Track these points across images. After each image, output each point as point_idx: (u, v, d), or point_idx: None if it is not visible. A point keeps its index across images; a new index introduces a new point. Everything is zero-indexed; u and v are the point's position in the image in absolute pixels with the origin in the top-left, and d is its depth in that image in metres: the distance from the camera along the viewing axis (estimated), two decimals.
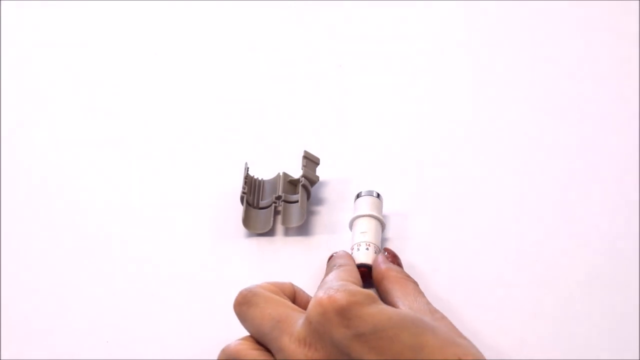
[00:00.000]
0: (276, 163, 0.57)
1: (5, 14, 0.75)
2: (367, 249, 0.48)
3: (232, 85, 0.66)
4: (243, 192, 0.54)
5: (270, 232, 0.53)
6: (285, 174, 0.55)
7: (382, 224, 0.50)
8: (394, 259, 0.48)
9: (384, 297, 0.45)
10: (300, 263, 0.51)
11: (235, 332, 0.42)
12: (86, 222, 0.55)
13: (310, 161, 0.55)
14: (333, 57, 0.68)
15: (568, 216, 0.53)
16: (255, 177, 0.56)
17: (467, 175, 0.56)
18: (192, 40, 0.71)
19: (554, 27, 0.70)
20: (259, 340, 0.41)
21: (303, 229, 0.53)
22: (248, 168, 0.55)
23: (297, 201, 0.53)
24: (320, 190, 0.56)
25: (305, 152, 0.56)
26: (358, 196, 0.52)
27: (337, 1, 0.74)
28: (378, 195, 0.51)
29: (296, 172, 0.55)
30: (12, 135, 0.62)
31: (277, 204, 0.54)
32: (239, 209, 0.54)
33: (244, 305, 0.41)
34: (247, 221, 0.53)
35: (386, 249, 0.48)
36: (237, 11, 0.74)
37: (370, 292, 0.39)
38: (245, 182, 0.54)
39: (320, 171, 0.55)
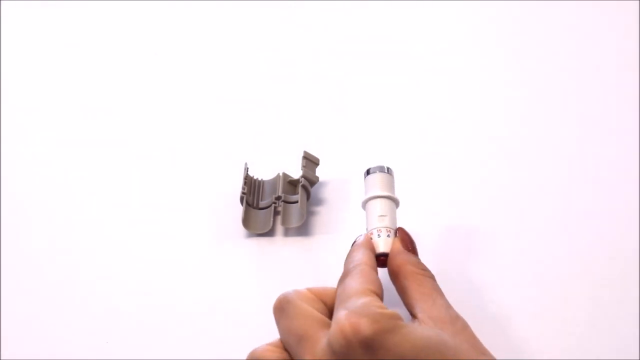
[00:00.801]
0: (276, 163, 0.57)
1: (5, 14, 0.75)
2: (388, 235, 0.46)
3: (232, 85, 0.66)
4: (243, 193, 0.54)
5: (270, 233, 0.53)
6: (285, 174, 0.55)
7: (397, 204, 0.48)
8: (409, 244, 0.45)
9: (401, 294, 0.44)
10: (300, 263, 0.51)
11: (235, 332, 0.42)
12: (86, 222, 0.55)
13: (310, 161, 0.55)
14: (333, 57, 0.68)
15: (568, 216, 0.53)
16: (255, 177, 0.56)
17: (467, 175, 0.56)
18: (192, 40, 0.71)
19: (554, 27, 0.70)
20: (287, 350, 0.40)
21: (303, 230, 0.53)
22: (248, 168, 0.55)
23: (296, 201, 0.53)
24: (320, 191, 0.56)
25: (305, 152, 0.55)
26: (368, 172, 0.49)
27: (337, 1, 0.74)
28: (389, 170, 0.49)
29: (296, 173, 0.55)
30: (12, 135, 0.62)
31: (277, 204, 0.54)
32: (239, 209, 0.53)
33: (278, 312, 0.41)
34: (247, 221, 0.53)
35: (400, 230, 0.46)
36: (237, 11, 0.74)
37: (394, 313, 0.38)
38: (245, 183, 0.54)
39: (320, 171, 0.55)
